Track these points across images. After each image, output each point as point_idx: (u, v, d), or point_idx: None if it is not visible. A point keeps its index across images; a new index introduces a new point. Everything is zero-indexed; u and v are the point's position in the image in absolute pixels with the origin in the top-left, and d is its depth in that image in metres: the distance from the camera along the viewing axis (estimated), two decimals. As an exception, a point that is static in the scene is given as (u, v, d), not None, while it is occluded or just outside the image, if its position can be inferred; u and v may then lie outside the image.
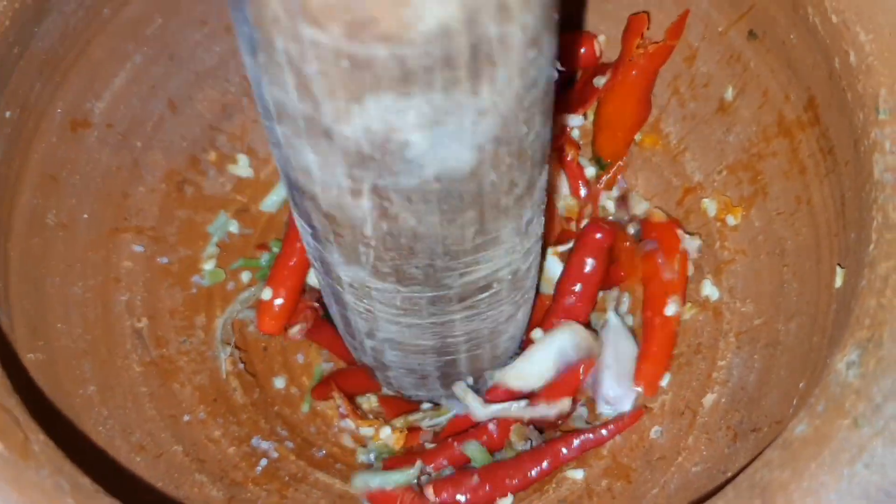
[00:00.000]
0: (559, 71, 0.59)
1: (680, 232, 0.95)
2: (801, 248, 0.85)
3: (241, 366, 0.97)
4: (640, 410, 0.89)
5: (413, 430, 0.94)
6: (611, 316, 0.94)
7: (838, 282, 0.76)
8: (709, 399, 0.88)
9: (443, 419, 0.94)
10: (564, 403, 0.88)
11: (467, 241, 0.65)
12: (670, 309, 0.92)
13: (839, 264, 0.76)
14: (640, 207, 0.99)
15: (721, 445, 0.83)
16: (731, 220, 0.93)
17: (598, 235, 0.93)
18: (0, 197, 0.80)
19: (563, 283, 0.94)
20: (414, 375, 0.89)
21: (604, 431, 0.89)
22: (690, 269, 0.95)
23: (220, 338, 0.97)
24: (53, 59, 0.84)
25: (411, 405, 0.96)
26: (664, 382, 0.91)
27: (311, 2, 0.45)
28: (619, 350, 0.92)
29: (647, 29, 0.94)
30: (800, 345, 0.81)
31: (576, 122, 0.98)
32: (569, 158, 0.97)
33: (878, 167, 0.67)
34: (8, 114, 0.79)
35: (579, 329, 0.91)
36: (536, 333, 0.92)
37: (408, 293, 0.70)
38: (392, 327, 0.78)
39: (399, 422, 0.94)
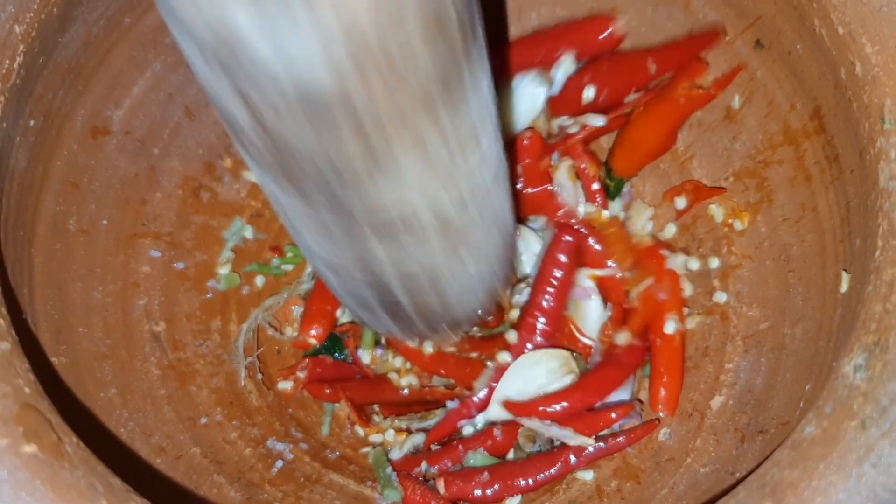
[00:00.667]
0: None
1: (665, 252, 0.96)
2: (806, 253, 0.87)
3: (260, 377, 0.99)
4: (652, 423, 0.91)
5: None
6: None
7: (844, 287, 0.78)
8: (716, 401, 0.90)
9: (431, 422, 0.96)
10: (587, 441, 0.89)
11: (356, 163, 0.63)
12: (669, 327, 0.94)
13: (845, 269, 0.78)
14: (644, 216, 1.00)
15: (729, 447, 0.85)
16: (738, 226, 0.95)
17: (568, 238, 0.95)
18: (24, 203, 0.82)
19: (538, 283, 0.96)
20: (362, 308, 0.89)
21: (620, 439, 0.90)
22: (688, 287, 0.97)
23: (241, 345, 0.99)
24: (75, 68, 0.86)
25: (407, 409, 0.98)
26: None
27: None
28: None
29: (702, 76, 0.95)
30: (806, 348, 0.83)
31: (597, 122, 0.99)
32: (583, 168, 0.98)
33: (884, 175, 0.69)
34: (32, 122, 0.81)
35: (566, 356, 0.93)
36: (511, 335, 0.95)
37: (315, 213, 0.70)
38: (318, 249, 0.77)
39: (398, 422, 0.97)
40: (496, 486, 0.89)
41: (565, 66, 1.00)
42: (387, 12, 0.53)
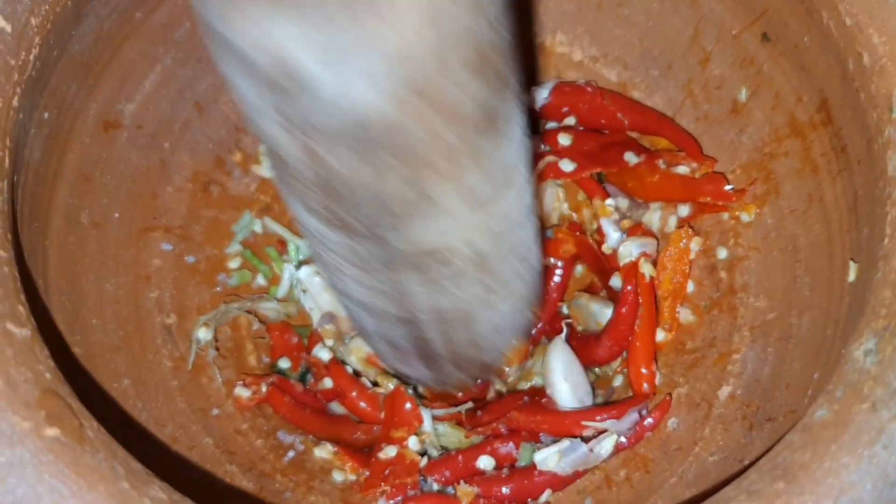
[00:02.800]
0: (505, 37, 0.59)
1: (642, 262, 0.95)
2: (813, 244, 0.87)
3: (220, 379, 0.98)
4: (666, 401, 0.92)
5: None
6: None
7: (851, 276, 0.78)
8: (724, 391, 0.90)
9: None
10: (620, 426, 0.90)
11: (404, 199, 0.63)
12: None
13: (852, 259, 0.79)
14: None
15: (737, 435, 0.86)
16: (745, 218, 0.95)
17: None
18: (39, 196, 0.83)
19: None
20: (392, 347, 0.89)
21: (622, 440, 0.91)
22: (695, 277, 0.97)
23: (195, 339, 0.97)
24: (88, 62, 0.87)
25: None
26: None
27: None
28: (566, 366, 0.94)
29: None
30: (813, 337, 0.84)
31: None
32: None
33: (892, 164, 0.70)
34: (46, 115, 0.82)
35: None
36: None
37: (358, 249, 0.70)
38: (356, 286, 0.77)
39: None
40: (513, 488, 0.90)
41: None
42: (439, 38, 0.53)
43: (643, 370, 0.92)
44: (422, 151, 0.59)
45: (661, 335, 0.95)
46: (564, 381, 0.93)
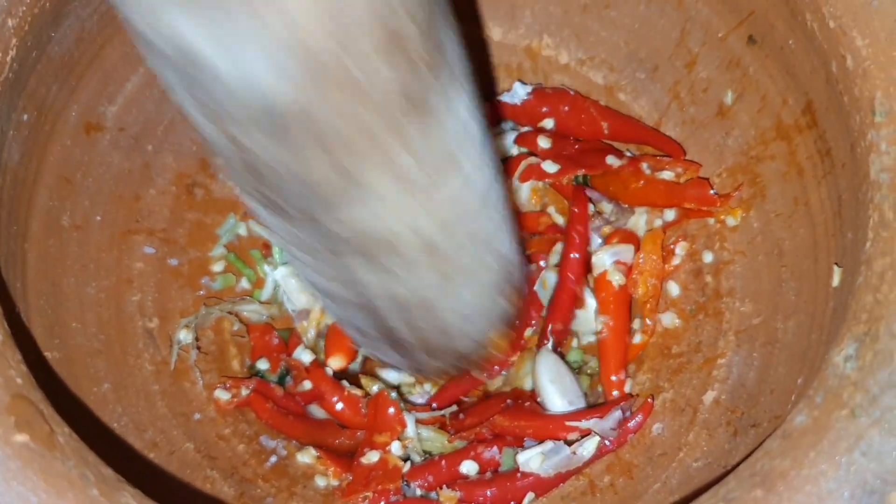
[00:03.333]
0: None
1: (611, 270, 0.96)
2: (798, 248, 0.87)
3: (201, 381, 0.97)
4: (648, 405, 0.91)
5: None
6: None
7: (836, 280, 0.78)
8: (709, 396, 0.90)
9: None
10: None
11: (328, 182, 0.63)
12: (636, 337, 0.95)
13: (837, 263, 0.78)
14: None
15: (721, 441, 0.85)
16: (731, 222, 0.95)
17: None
18: (18, 198, 0.82)
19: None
20: (364, 336, 0.89)
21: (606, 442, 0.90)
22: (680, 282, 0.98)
23: (177, 341, 0.96)
24: (69, 63, 0.86)
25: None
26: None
27: None
28: (554, 373, 0.94)
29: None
30: (798, 342, 0.83)
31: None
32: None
33: (875, 168, 0.69)
34: (25, 116, 0.81)
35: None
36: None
37: (301, 235, 0.70)
38: (310, 272, 0.78)
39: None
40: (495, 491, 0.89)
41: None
42: (336, 21, 0.53)
43: (613, 377, 0.92)
44: (337, 134, 0.59)
45: (638, 338, 0.95)
46: (551, 384, 0.92)
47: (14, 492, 0.54)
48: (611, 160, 0.98)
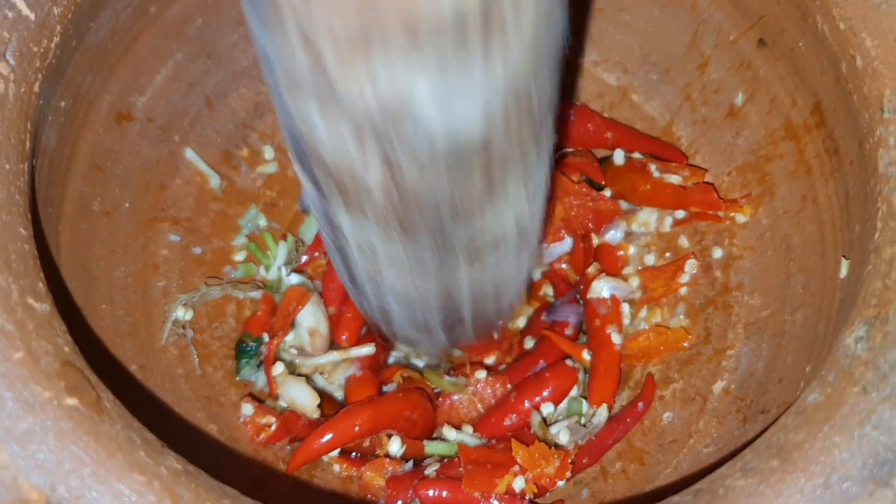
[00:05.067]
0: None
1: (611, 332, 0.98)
2: (806, 243, 0.90)
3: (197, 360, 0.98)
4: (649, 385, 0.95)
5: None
6: None
7: (843, 272, 0.81)
8: (718, 386, 0.93)
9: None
10: None
11: (475, 202, 0.67)
12: (616, 337, 0.97)
13: (844, 256, 0.81)
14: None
15: (731, 427, 0.88)
16: (741, 219, 0.98)
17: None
18: (53, 182, 0.84)
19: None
20: (418, 328, 0.91)
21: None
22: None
23: (170, 318, 0.97)
24: (103, 53, 0.89)
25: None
26: (601, 412, 0.94)
27: None
28: None
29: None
30: (806, 333, 0.86)
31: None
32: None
33: (883, 161, 0.72)
34: (63, 103, 0.84)
35: None
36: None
37: (413, 251, 0.72)
38: (398, 284, 0.79)
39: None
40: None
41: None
42: (540, 57, 0.57)
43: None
44: (501, 159, 0.63)
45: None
46: None
47: (67, 450, 0.56)
48: (616, 156, 1.03)
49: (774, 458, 0.59)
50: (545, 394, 0.94)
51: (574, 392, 0.95)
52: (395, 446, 0.92)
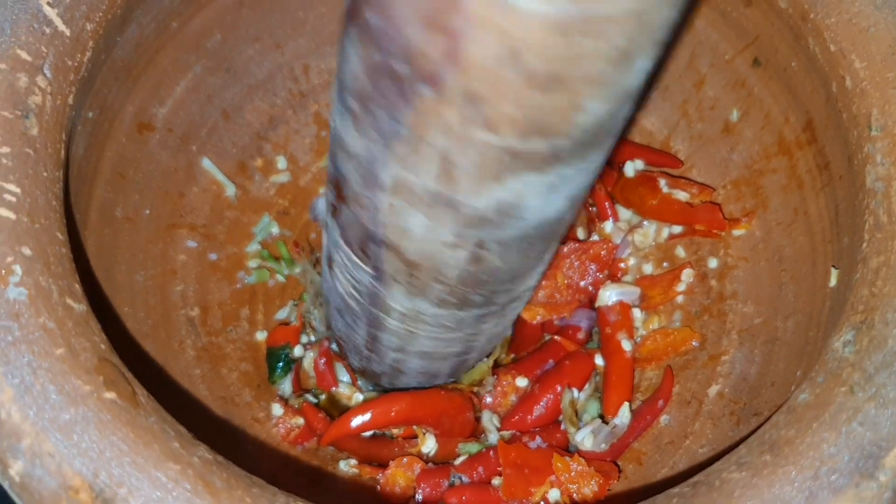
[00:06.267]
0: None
1: (622, 339, 1.02)
2: (798, 254, 0.94)
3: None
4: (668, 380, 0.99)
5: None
6: None
7: (833, 281, 0.85)
8: (713, 390, 0.97)
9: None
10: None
11: (528, 268, 0.73)
12: (626, 344, 1.01)
13: (834, 266, 0.86)
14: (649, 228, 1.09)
15: (725, 429, 0.92)
16: (735, 231, 1.02)
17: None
18: (80, 189, 0.88)
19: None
20: (428, 376, 0.96)
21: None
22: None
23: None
24: (128, 66, 0.93)
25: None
26: (624, 411, 0.98)
27: (491, 112, 0.51)
28: None
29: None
30: (797, 339, 0.90)
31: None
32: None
33: (871, 177, 0.77)
34: (90, 114, 0.88)
35: None
36: None
37: (463, 315, 0.79)
38: (428, 342, 0.85)
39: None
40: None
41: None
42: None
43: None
44: (561, 232, 0.71)
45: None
46: None
47: (107, 440, 0.60)
48: (627, 168, 1.05)
49: (767, 453, 0.63)
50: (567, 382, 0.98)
51: (588, 389, 0.99)
52: (430, 444, 0.95)
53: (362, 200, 0.65)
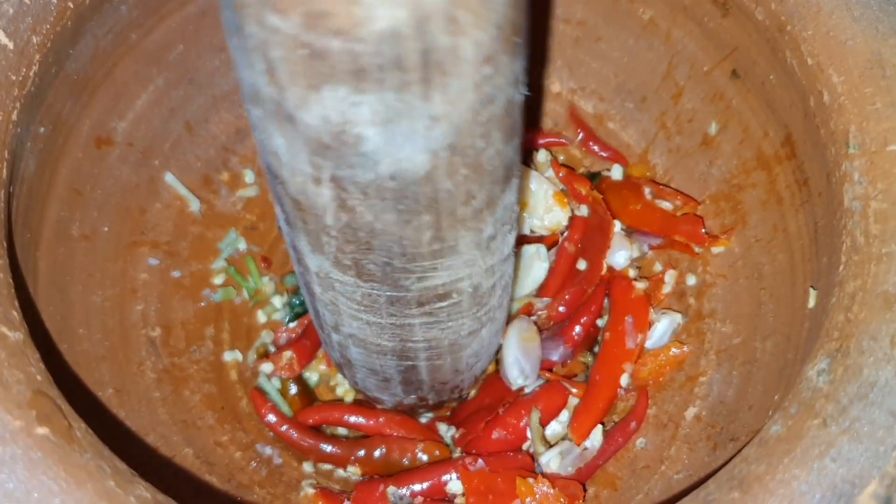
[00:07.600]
0: (526, 95, 0.63)
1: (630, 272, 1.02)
2: (777, 272, 0.91)
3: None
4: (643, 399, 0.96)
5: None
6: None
7: (811, 303, 0.82)
8: (690, 412, 0.94)
9: None
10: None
11: (423, 245, 0.68)
12: (624, 379, 0.97)
13: (812, 286, 0.83)
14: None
15: (702, 454, 0.89)
16: (715, 249, 0.99)
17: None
18: (32, 208, 0.85)
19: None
20: (377, 377, 0.92)
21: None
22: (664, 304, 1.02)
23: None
24: (83, 80, 0.90)
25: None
26: (596, 434, 0.95)
27: None
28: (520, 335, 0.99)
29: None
30: (775, 361, 0.87)
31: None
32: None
33: (848, 196, 0.74)
34: (42, 129, 0.85)
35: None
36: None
37: (367, 289, 0.73)
38: (354, 322, 0.80)
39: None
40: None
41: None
42: (489, 114, 0.58)
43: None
44: (449, 202, 0.64)
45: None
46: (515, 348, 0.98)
47: (37, 480, 0.57)
48: (615, 171, 1.05)
49: (736, 490, 0.60)
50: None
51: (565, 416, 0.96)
52: None
53: (250, 117, 0.62)
